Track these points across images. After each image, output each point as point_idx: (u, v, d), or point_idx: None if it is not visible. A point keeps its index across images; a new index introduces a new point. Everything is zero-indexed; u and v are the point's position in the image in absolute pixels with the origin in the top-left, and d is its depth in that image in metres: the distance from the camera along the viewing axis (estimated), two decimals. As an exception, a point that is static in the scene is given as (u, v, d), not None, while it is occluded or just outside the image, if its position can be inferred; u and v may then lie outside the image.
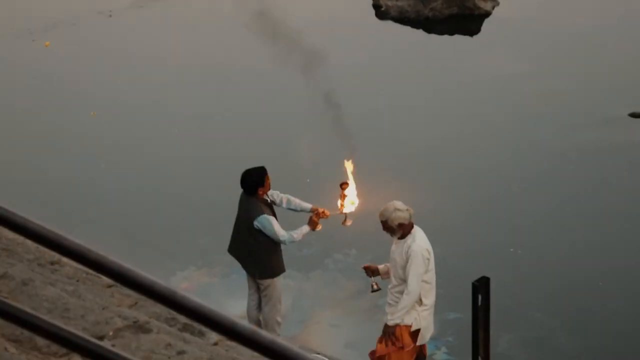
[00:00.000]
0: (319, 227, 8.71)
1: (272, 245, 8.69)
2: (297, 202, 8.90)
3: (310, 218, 8.67)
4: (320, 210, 8.70)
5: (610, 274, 10.97)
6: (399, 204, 7.75)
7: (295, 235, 8.59)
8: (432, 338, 9.58)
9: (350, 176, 8.97)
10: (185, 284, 10.73)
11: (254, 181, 8.59)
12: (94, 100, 16.54)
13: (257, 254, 8.73)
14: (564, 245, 11.58)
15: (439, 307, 9.62)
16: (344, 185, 8.85)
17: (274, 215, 8.71)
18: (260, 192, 8.62)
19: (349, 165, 8.99)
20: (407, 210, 7.71)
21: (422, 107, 16.14)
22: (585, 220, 12.22)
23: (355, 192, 8.95)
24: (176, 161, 14.36)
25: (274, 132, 14.93)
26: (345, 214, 8.88)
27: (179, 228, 12.38)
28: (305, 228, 8.64)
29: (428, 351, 9.38)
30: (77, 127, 15.57)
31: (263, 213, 8.53)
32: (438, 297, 9.19)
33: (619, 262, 11.20)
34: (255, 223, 8.53)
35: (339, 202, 8.90)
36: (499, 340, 9.63)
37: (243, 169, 8.79)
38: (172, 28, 20.62)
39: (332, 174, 9.86)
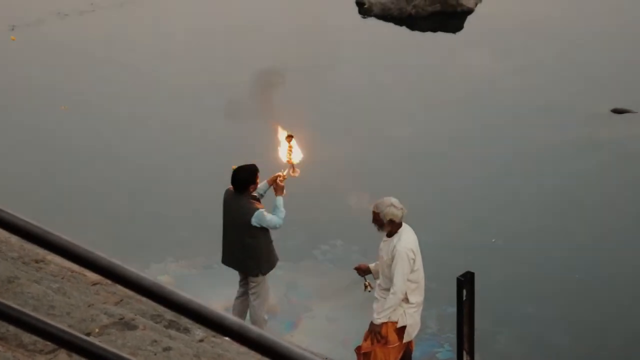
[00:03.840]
0: (285, 192, 8.81)
1: (268, 239, 8.76)
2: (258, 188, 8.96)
3: (275, 187, 8.75)
4: (279, 176, 8.78)
5: (594, 266, 11.03)
6: (395, 200, 7.74)
7: (282, 214, 8.66)
8: (433, 334, 9.58)
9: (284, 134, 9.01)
10: (163, 277, 10.62)
11: (247, 179, 8.60)
12: (68, 96, 16.54)
13: (256, 251, 8.74)
14: (549, 240, 11.63)
15: (437, 302, 9.62)
16: (288, 138, 8.86)
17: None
18: (251, 189, 8.64)
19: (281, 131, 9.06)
20: (401, 209, 7.71)
21: (405, 103, 16.17)
22: (569, 215, 12.28)
23: (297, 147, 8.96)
24: (154, 154, 14.37)
25: (252, 128, 14.92)
26: (293, 164, 8.88)
27: (157, 220, 12.36)
28: (280, 200, 8.72)
29: (430, 349, 9.39)
30: (50, 122, 15.58)
31: (258, 208, 8.57)
32: (434, 291, 9.19)
33: (603, 254, 11.26)
34: (253, 220, 8.54)
35: (287, 154, 8.90)
36: (497, 336, 9.64)
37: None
38: (154, 23, 20.59)
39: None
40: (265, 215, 8.56)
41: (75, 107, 16.06)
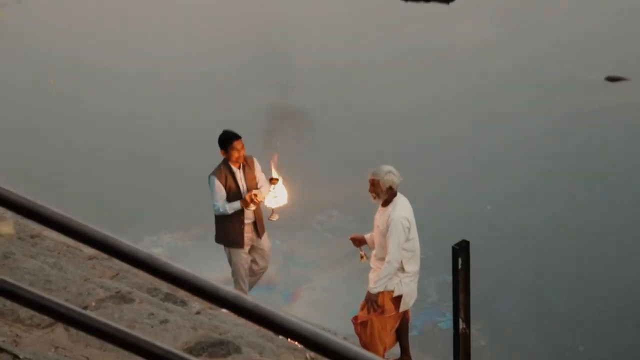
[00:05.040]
0: (251, 207, 8.55)
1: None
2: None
3: (245, 197, 8.52)
4: (254, 193, 8.51)
5: (591, 232, 11.05)
6: (392, 167, 7.71)
7: (221, 209, 8.50)
8: (434, 303, 9.61)
9: (276, 174, 8.70)
10: (157, 249, 10.58)
11: (219, 140, 8.54)
12: (61, 69, 16.52)
13: (214, 216, 8.74)
14: (545, 207, 11.66)
15: (436, 271, 9.63)
16: (273, 180, 8.63)
17: (234, 182, 8.51)
18: (223, 154, 8.54)
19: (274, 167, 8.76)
20: (398, 176, 7.69)
21: (398, 74, 16.13)
22: (565, 182, 12.30)
23: (284, 192, 8.66)
24: (148, 126, 14.36)
25: (248, 95, 14.91)
26: (271, 208, 8.68)
27: (150, 192, 12.36)
28: (237, 204, 8.51)
29: (431, 319, 9.40)
30: (41, 97, 15.58)
31: (214, 174, 8.49)
32: (432, 259, 9.18)
33: (599, 220, 11.29)
34: (208, 181, 8.56)
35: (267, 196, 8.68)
36: (497, 304, 9.66)
37: (216, 134, 8.71)
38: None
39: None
40: (211, 185, 8.46)
41: (68, 81, 16.03)
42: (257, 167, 8.70)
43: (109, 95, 15.47)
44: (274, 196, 8.62)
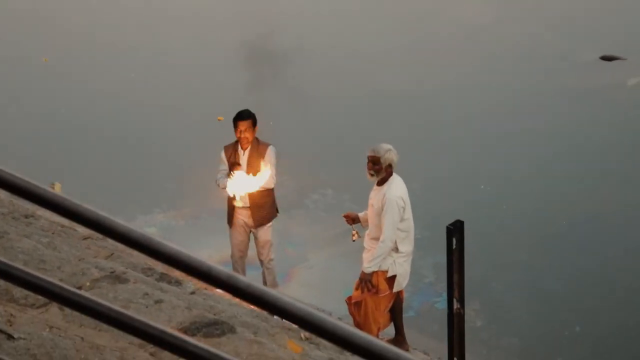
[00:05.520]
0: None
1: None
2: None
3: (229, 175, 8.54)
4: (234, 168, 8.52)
5: (583, 211, 11.07)
6: (391, 146, 7.72)
7: (218, 181, 8.61)
8: (431, 284, 9.63)
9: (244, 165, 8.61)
10: (151, 229, 10.56)
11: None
12: (52, 46, 16.45)
13: None
14: (539, 187, 11.68)
15: (432, 251, 9.65)
16: (235, 166, 8.58)
17: (234, 161, 8.53)
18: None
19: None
20: (397, 155, 7.70)
21: (395, 54, 16.11)
22: (559, 161, 12.31)
23: (242, 185, 8.47)
24: (142, 107, 14.33)
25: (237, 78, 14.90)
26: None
27: (143, 172, 12.34)
28: (226, 182, 8.50)
29: (427, 299, 9.43)
30: (35, 75, 15.54)
31: (225, 146, 8.64)
32: (429, 239, 9.20)
33: (592, 199, 11.31)
34: None
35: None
36: (492, 283, 9.69)
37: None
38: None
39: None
40: (219, 156, 8.58)
41: (61, 61, 15.97)
42: (268, 158, 8.58)
43: (103, 75, 15.42)
44: (231, 181, 8.52)
